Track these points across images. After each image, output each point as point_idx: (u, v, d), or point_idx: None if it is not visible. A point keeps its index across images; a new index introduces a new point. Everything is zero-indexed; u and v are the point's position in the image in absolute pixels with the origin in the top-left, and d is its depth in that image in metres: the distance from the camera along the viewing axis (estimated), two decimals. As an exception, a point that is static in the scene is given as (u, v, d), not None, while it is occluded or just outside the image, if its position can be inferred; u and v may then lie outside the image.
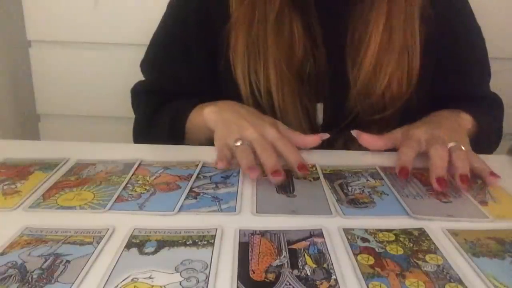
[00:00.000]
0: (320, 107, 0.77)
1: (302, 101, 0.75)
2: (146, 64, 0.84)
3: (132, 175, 0.60)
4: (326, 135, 0.65)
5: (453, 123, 0.68)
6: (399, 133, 0.67)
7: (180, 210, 0.52)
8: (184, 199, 0.54)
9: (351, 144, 0.74)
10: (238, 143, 0.61)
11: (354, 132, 0.67)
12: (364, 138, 0.66)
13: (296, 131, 0.68)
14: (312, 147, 0.67)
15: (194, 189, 0.57)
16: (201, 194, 0.56)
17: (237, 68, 0.74)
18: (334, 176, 0.61)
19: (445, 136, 0.62)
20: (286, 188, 0.58)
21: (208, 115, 0.69)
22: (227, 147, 0.63)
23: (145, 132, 0.81)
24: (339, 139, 0.75)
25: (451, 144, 0.61)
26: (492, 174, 0.59)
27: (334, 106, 0.76)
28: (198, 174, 0.61)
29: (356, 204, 0.54)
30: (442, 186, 0.56)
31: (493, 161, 0.68)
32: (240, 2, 0.72)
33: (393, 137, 0.67)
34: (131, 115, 0.86)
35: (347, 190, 0.57)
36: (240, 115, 0.66)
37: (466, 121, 0.70)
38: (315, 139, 0.64)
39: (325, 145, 0.75)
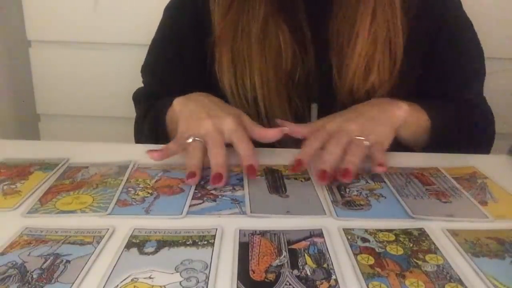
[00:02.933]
0: (315, 107, 0.77)
1: (292, 105, 0.75)
2: (145, 69, 0.85)
3: (131, 178, 0.60)
4: (286, 129, 0.63)
5: (379, 113, 0.66)
6: (319, 123, 0.66)
7: (202, 213, 0.52)
8: (203, 202, 0.54)
9: None
10: (190, 140, 0.61)
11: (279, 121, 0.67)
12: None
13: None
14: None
15: (211, 192, 0.57)
16: (220, 197, 0.55)
17: (223, 78, 0.74)
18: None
19: (355, 129, 0.61)
20: (278, 188, 0.58)
21: (176, 107, 0.68)
22: (178, 143, 0.62)
23: (137, 136, 0.82)
24: None
25: (356, 137, 0.60)
26: (380, 164, 0.59)
27: (327, 106, 0.75)
28: None
29: (352, 206, 0.54)
30: (323, 179, 0.56)
31: (493, 161, 0.68)
32: (223, 16, 0.72)
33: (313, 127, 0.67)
34: (131, 115, 0.86)
35: (344, 192, 0.57)
36: (203, 106, 0.65)
37: (401, 110, 0.67)
38: (275, 133, 0.62)
39: None
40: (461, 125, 0.73)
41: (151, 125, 0.76)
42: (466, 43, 0.79)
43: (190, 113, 0.65)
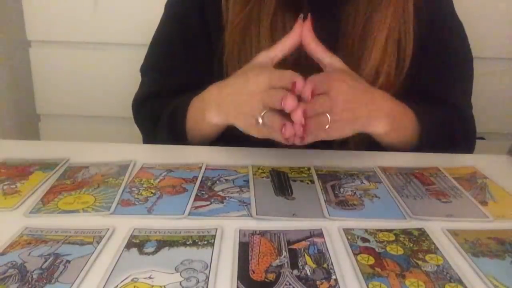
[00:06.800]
0: None
1: None
2: (147, 66, 0.84)
3: (134, 177, 0.60)
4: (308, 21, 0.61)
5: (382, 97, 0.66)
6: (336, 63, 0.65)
7: (209, 214, 0.52)
8: (211, 203, 0.54)
9: (349, 141, 0.74)
10: (260, 120, 0.58)
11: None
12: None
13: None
14: (309, 144, 0.66)
15: (219, 193, 0.56)
16: (227, 198, 0.55)
17: (231, 71, 0.74)
18: (329, 177, 0.61)
19: (340, 109, 0.59)
20: (284, 190, 0.58)
21: (208, 96, 0.68)
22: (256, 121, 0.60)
23: (152, 138, 0.80)
24: None
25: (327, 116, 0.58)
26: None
27: None
28: (220, 177, 0.61)
29: (344, 205, 0.54)
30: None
31: (493, 161, 0.68)
32: (240, 11, 0.72)
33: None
34: (131, 115, 0.86)
35: (338, 192, 0.57)
36: (236, 86, 0.64)
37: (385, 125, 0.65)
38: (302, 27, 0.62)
39: (322, 143, 0.74)
40: (444, 130, 0.73)
41: (168, 123, 0.74)
42: (455, 46, 0.79)
43: (232, 98, 0.64)
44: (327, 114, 0.58)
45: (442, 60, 0.77)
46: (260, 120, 0.58)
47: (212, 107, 0.67)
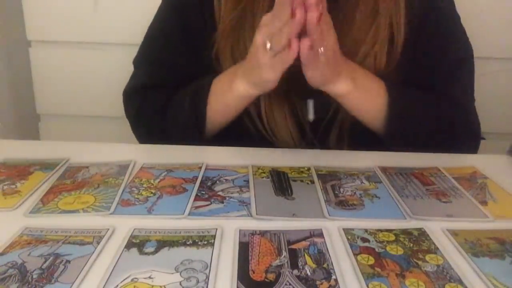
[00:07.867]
0: (311, 102, 0.76)
1: (289, 99, 0.75)
2: (142, 58, 0.83)
3: (134, 177, 0.60)
4: None
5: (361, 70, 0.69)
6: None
7: (209, 214, 0.52)
8: (211, 203, 0.54)
9: (345, 138, 0.74)
10: (268, 45, 0.60)
11: None
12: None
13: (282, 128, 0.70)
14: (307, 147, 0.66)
15: (219, 193, 0.56)
16: (227, 199, 0.55)
17: (224, 68, 0.74)
18: (329, 177, 0.61)
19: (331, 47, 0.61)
20: (284, 190, 0.58)
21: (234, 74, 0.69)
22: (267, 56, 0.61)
23: (158, 128, 0.78)
24: (332, 134, 0.75)
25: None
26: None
27: (323, 101, 0.75)
28: (220, 177, 0.61)
29: (344, 205, 0.54)
30: None
31: (493, 161, 0.68)
32: (232, 9, 0.72)
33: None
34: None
35: (338, 192, 0.57)
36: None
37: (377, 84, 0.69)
38: None
39: (318, 141, 0.74)
40: (438, 120, 0.72)
41: (190, 107, 0.74)
42: (450, 36, 0.78)
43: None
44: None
45: (441, 54, 0.76)
46: (268, 45, 0.59)
47: (238, 73, 0.68)
